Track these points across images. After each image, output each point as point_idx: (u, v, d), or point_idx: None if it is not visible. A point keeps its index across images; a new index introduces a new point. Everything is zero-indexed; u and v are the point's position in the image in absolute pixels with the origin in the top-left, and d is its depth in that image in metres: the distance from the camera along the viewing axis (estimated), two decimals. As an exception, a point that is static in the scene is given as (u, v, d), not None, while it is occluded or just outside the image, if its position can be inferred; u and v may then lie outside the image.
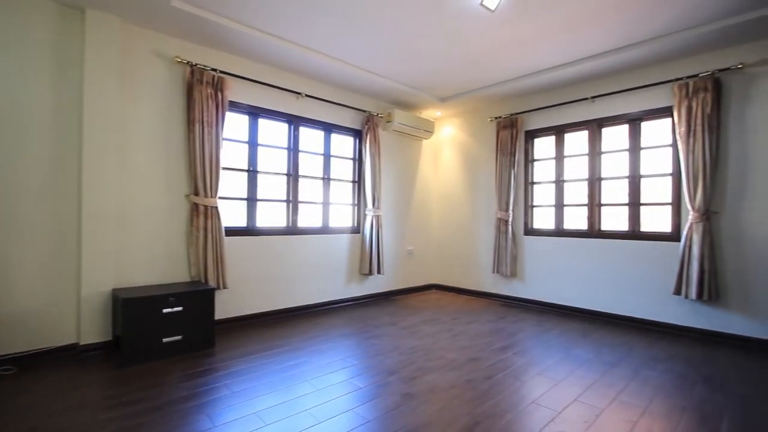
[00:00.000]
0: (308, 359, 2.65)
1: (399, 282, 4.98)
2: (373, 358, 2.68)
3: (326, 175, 4.23)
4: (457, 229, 5.17)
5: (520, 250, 4.49)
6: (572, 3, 2.65)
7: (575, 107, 4.06)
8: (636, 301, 3.61)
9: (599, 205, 3.92)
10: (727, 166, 3.16)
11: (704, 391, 2.25)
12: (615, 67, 3.60)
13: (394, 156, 4.93)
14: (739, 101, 3.11)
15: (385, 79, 4.08)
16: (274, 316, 3.72)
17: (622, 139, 3.80)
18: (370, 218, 4.40)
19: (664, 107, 3.48)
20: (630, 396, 2.17)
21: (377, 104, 4.71)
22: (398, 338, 3.14)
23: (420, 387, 2.23)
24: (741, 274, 3.09)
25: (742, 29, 2.87)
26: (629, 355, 2.81)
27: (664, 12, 2.75)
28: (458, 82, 4.17)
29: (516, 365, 2.59)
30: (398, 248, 4.97)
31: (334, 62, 3.61)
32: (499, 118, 4.59)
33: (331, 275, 4.21)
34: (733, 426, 1.86)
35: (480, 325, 3.55)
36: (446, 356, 2.74)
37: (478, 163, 4.95)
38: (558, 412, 1.97)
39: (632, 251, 3.64)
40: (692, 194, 3.18)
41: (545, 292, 4.25)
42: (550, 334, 3.32)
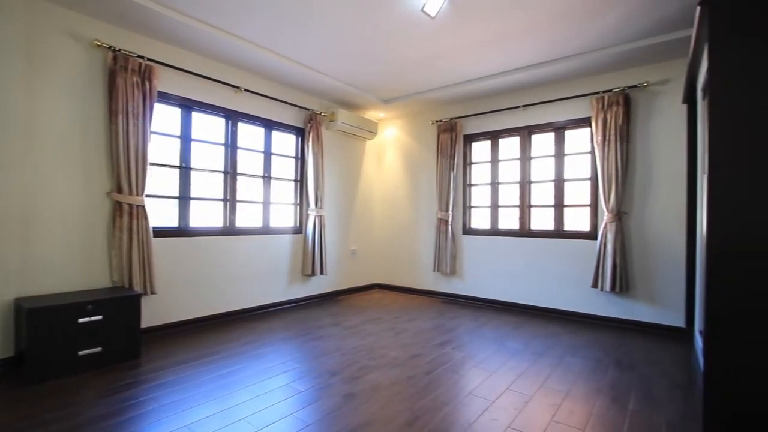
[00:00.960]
0: (246, 365, 2.54)
1: (342, 282, 4.96)
2: (315, 360, 2.64)
3: (267, 174, 4.09)
4: (400, 229, 5.27)
5: (459, 249, 4.68)
6: (505, 17, 2.83)
7: (509, 114, 4.33)
8: (561, 295, 3.94)
9: (529, 206, 4.22)
10: (635, 172, 3.56)
11: (616, 373, 2.51)
12: (543, 79, 3.90)
13: (337, 155, 4.90)
14: (644, 115, 3.53)
15: (329, 77, 4.04)
16: (209, 322, 3.52)
17: (549, 145, 4.12)
18: (313, 218, 4.34)
19: (584, 118, 3.83)
20: (555, 382, 2.36)
21: (320, 103, 4.65)
22: (341, 338, 3.12)
23: (362, 386, 2.24)
24: (645, 268, 3.50)
25: (647, 52, 3.25)
26: (555, 345, 3.05)
27: (583, 33, 3.03)
28: (401, 84, 4.26)
29: (454, 359, 2.71)
30: (341, 248, 4.95)
31: (276, 57, 3.50)
32: (440, 121, 4.76)
33: (271, 277, 4.07)
34: (637, 401, 2.10)
35: (421, 323, 3.65)
36: (389, 354, 2.78)
37: (419, 164, 5.09)
38: (492, 402, 2.09)
39: (557, 249, 3.96)
40: (607, 197, 3.54)
41: (482, 288, 4.49)
42: (485, 328, 3.51)
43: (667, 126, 3.42)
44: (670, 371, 2.55)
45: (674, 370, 2.56)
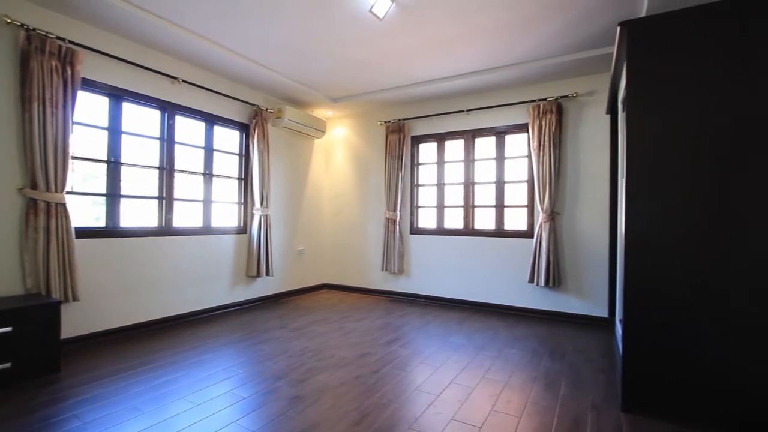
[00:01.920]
0: (184, 374, 2.40)
1: (289, 283, 4.84)
2: (259, 365, 2.56)
3: (208, 171, 3.88)
4: (349, 229, 5.26)
5: (406, 248, 4.77)
6: (450, 24, 2.93)
7: (454, 118, 4.49)
8: (501, 290, 4.16)
9: (473, 206, 4.41)
10: (566, 176, 3.86)
11: (549, 362, 2.71)
12: (486, 86, 4.10)
13: (284, 153, 4.77)
14: (574, 123, 3.83)
15: (276, 73, 3.93)
16: (143, 329, 3.27)
17: (490, 148, 4.33)
18: (258, 217, 4.19)
19: (523, 124, 4.08)
20: (495, 373, 2.49)
21: (267, 99, 4.51)
22: (288, 341, 3.05)
23: (309, 388, 2.21)
24: (575, 264, 3.81)
25: (577, 65, 3.53)
26: (495, 338, 3.22)
27: (521, 44, 3.22)
28: (350, 84, 4.25)
29: (402, 357, 2.76)
30: (288, 248, 4.84)
31: (218, 49, 3.34)
32: (388, 122, 4.81)
33: (213, 279, 3.88)
34: (567, 387, 2.29)
35: (369, 322, 3.68)
36: (337, 354, 2.76)
37: (368, 164, 5.11)
38: (437, 396, 2.15)
39: (498, 247, 4.18)
40: (542, 198, 3.80)
41: (429, 286, 4.61)
42: (431, 325, 3.61)
43: (593, 134, 3.74)
44: (595, 358, 2.79)
45: (598, 357, 2.81)
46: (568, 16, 2.82)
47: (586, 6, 2.68)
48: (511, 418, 1.93)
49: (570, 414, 1.98)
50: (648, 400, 1.94)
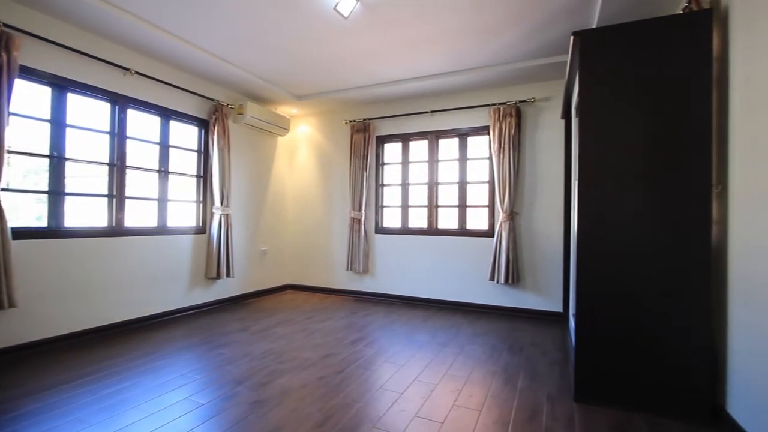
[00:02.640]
0: (136, 382, 2.28)
1: (252, 284, 4.71)
2: (219, 369, 2.47)
3: (164, 168, 3.70)
4: (313, 228, 5.20)
5: (371, 248, 4.78)
6: (415, 26, 2.97)
7: (418, 119, 4.55)
8: (463, 288, 4.27)
9: (436, 206, 4.49)
10: (524, 177, 4.02)
11: (508, 356, 2.81)
12: (449, 88, 4.18)
13: (246, 151, 4.64)
14: (532, 127, 4.00)
15: (237, 68, 3.81)
16: (91, 336, 3.06)
17: (454, 149, 4.43)
18: (218, 217, 4.05)
19: (484, 126, 4.20)
20: (457, 369, 2.55)
21: (227, 94, 4.36)
22: (249, 344, 2.97)
23: (271, 392, 2.17)
24: (532, 262, 3.97)
25: (534, 71, 3.69)
26: (457, 335, 3.30)
27: (483, 49, 3.32)
28: (314, 82, 4.19)
29: (366, 356, 2.76)
30: (250, 248, 4.71)
31: (175, 40, 3.19)
32: (353, 121, 4.80)
33: (169, 281, 3.70)
34: (525, 380, 2.38)
35: (334, 322, 3.65)
36: (300, 356, 2.72)
37: (333, 163, 5.07)
38: (401, 393, 2.18)
39: (461, 246, 4.29)
40: (502, 198, 3.93)
41: (393, 285, 4.64)
42: (396, 323, 3.64)
43: (549, 137, 3.92)
44: (550, 351, 2.93)
45: (554, 350, 2.95)
46: (527, 25, 2.93)
47: (543, 16, 2.81)
48: (472, 412, 1.99)
49: (527, 405, 2.06)
50: (597, 389, 2.06)
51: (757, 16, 1.63)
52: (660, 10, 2.54)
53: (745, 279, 1.71)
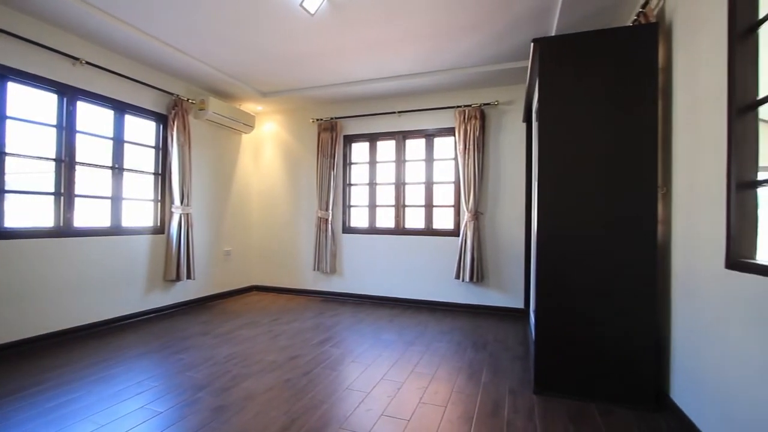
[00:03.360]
0: (87, 392, 2.14)
1: (214, 286, 4.56)
2: (179, 375, 2.38)
3: (118, 165, 3.50)
4: (279, 228, 5.10)
5: (339, 248, 4.76)
6: (382, 27, 2.98)
7: (386, 119, 4.57)
8: (430, 287, 4.34)
9: (404, 206, 4.53)
10: (488, 178, 4.14)
11: (472, 353, 2.88)
12: (416, 89, 4.23)
13: (208, 148, 4.48)
14: (496, 129, 4.12)
15: (199, 62, 3.66)
16: (35, 345, 2.85)
17: (420, 150, 4.49)
18: (178, 216, 3.88)
19: (450, 127, 4.29)
20: (423, 367, 2.59)
21: (188, 88, 4.19)
22: (211, 348, 2.87)
23: (235, 396, 2.11)
24: (496, 260, 4.10)
25: (497, 75, 3.80)
26: (424, 333, 3.35)
27: (448, 52, 3.39)
28: (280, 79, 4.11)
29: (333, 357, 2.74)
30: (213, 249, 4.55)
31: (131, 30, 3.02)
32: (320, 120, 4.75)
33: (124, 285, 3.51)
34: (488, 375, 2.46)
35: (300, 323, 3.60)
36: (265, 359, 2.67)
37: (299, 162, 5.00)
38: (367, 393, 2.18)
39: (427, 245, 4.35)
40: (467, 199, 4.03)
41: (361, 285, 4.64)
42: (363, 323, 3.64)
43: (512, 140, 4.06)
44: (512, 346, 3.03)
45: (516, 345, 3.06)
46: (490, 30, 3.02)
47: (505, 22, 2.90)
48: (438, 408, 2.03)
49: (490, 399, 2.13)
50: (556, 381, 2.16)
51: (696, 30, 1.77)
52: (613, 21, 2.69)
53: (685, 273, 1.84)
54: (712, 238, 1.59)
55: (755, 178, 1.41)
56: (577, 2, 2.49)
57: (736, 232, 1.43)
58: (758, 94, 1.41)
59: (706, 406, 1.64)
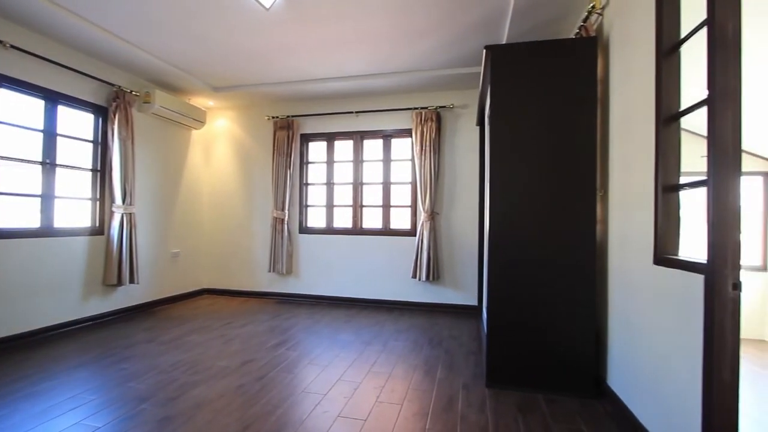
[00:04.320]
0: (13, 409, 1.95)
1: (161, 290, 4.30)
2: (120, 387, 2.22)
3: (49, 160, 3.21)
4: (232, 228, 4.91)
5: (295, 248, 4.67)
6: (337, 26, 2.96)
7: (344, 118, 4.55)
8: (387, 286, 4.37)
9: (361, 206, 4.53)
10: (444, 179, 4.24)
11: (428, 350, 2.94)
12: (374, 90, 4.25)
13: (154, 143, 4.22)
14: (451, 132, 4.23)
15: (144, 52, 3.44)
16: (-55, 360, 2.54)
17: (378, 150, 4.51)
18: (120, 216, 3.62)
19: (407, 129, 4.35)
20: (380, 366, 2.61)
21: (132, 80, 3.92)
22: (157, 356, 2.71)
23: (182, 406, 2.00)
24: (451, 259, 4.21)
25: (452, 79, 3.91)
26: (381, 332, 3.37)
27: (404, 54, 3.43)
28: (233, 73, 3.96)
29: (289, 359, 2.69)
30: (160, 251, 4.29)
31: (64, 13, 2.78)
32: (276, 118, 4.64)
33: (57, 291, 3.22)
34: (443, 371, 2.52)
35: (255, 326, 3.49)
36: (216, 365, 2.56)
37: (254, 160, 4.85)
38: (324, 395, 2.16)
39: (385, 245, 4.38)
40: (423, 199, 4.11)
41: (318, 286, 4.59)
42: (320, 324, 3.60)
43: (466, 143, 4.19)
44: (467, 342, 3.13)
45: (470, 341, 3.17)
46: (445, 35, 3.10)
47: (459, 28, 2.98)
48: (394, 406, 2.05)
49: (445, 394, 2.18)
50: (506, 375, 2.26)
51: (629, 46, 1.92)
52: (559, 33, 2.86)
53: (620, 269, 2.00)
54: (642, 237, 1.73)
55: (678, 182, 1.56)
56: (525, 13, 2.61)
57: (662, 231, 1.58)
58: (680, 106, 1.56)
59: (636, 390, 1.79)
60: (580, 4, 2.50)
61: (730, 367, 1.18)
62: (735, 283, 1.18)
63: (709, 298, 1.22)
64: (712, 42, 1.22)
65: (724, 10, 1.20)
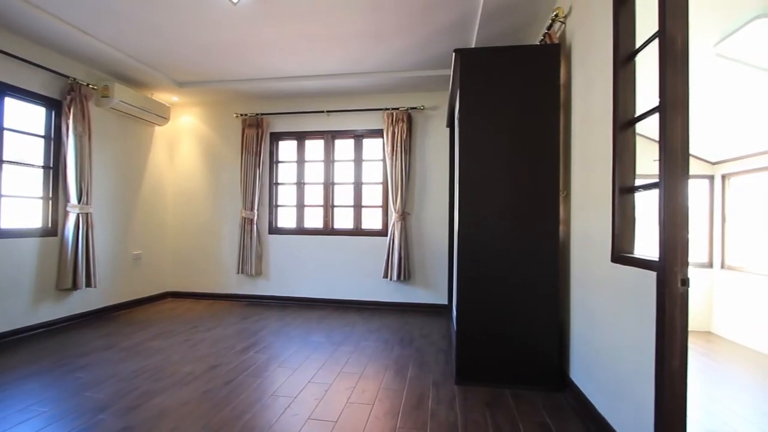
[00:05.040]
0: (-48, 425, 1.80)
1: (121, 294, 4.10)
2: (75, 397, 2.10)
3: (-6, 156, 2.99)
4: (199, 229, 4.75)
5: (264, 249, 4.57)
6: (308, 23, 2.93)
7: (315, 118, 4.50)
8: (358, 286, 4.37)
9: (332, 206, 4.50)
10: (415, 180, 4.29)
11: (399, 349, 2.96)
12: (345, 89, 4.23)
13: (113, 140, 4.01)
14: (422, 133, 4.28)
15: (102, 43, 3.27)
16: None
17: (349, 150, 4.50)
18: (75, 216, 3.43)
19: (379, 129, 4.36)
20: (351, 366, 2.60)
21: (89, 72, 3.71)
22: (116, 363, 2.59)
23: (144, 415, 1.92)
24: (422, 259, 4.26)
25: (422, 81, 3.96)
26: (352, 333, 3.36)
27: (374, 55, 3.45)
28: (199, 68, 3.84)
29: (258, 363, 2.63)
30: (120, 253, 4.09)
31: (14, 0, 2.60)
32: (245, 115, 4.53)
33: (4, 296, 3.00)
34: (414, 369, 2.55)
35: (222, 330, 3.40)
36: (181, 371, 2.47)
37: (222, 158, 4.71)
38: (294, 398, 2.13)
39: (356, 245, 4.38)
40: (395, 199, 4.13)
41: (288, 287, 4.52)
42: (290, 326, 3.55)
43: (436, 144, 4.25)
44: (437, 341, 3.18)
45: (440, 339, 3.21)
46: (416, 37, 3.13)
47: (429, 30, 3.02)
48: (365, 406, 2.05)
49: (415, 393, 2.21)
50: (475, 371, 2.31)
51: (589, 52, 2.01)
52: (526, 38, 2.96)
53: (582, 267, 2.09)
54: (601, 236, 1.82)
55: (633, 185, 1.65)
56: (493, 18, 2.68)
57: (619, 230, 1.66)
58: (636, 113, 1.65)
59: (595, 381, 1.88)
60: (544, 12, 2.59)
61: (680, 356, 1.26)
62: (684, 279, 1.26)
63: (661, 293, 1.29)
64: (663, 53, 1.29)
65: (673, 23, 1.28)
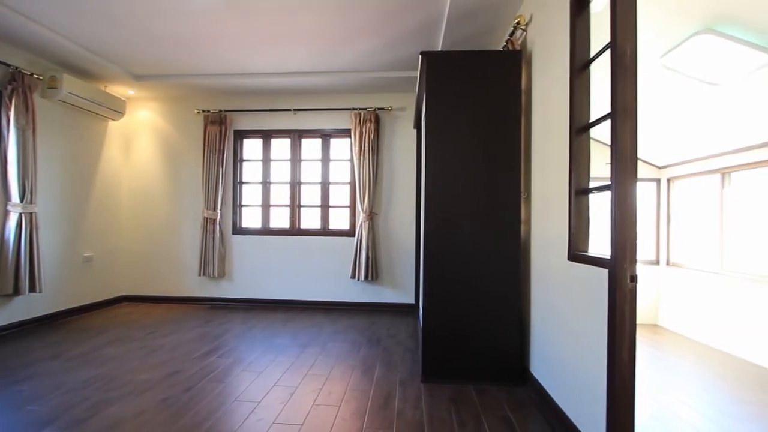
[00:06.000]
0: None
1: (70, 299, 3.84)
2: (17, 411, 1.95)
3: None
4: (157, 229, 4.54)
5: (228, 250, 4.44)
6: (274, 18, 2.86)
7: (281, 116, 4.42)
8: (326, 287, 4.33)
9: (299, 206, 4.44)
10: (382, 180, 4.30)
11: (366, 350, 2.96)
12: (312, 88, 4.18)
13: (62, 134, 3.75)
14: (389, 134, 4.31)
15: (48, 30, 3.05)
16: None
17: (317, 150, 4.45)
18: (17, 216, 3.18)
19: (346, 129, 4.34)
20: (318, 368, 2.57)
21: (34, 61, 3.45)
22: (63, 373, 2.42)
23: (95, 427, 1.81)
24: (389, 259, 4.28)
25: (389, 82, 3.98)
26: (319, 334, 3.33)
27: (341, 54, 3.43)
28: (158, 61, 3.66)
29: (221, 368, 2.55)
30: (68, 255, 3.83)
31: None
32: (207, 112, 4.37)
33: (-70, 304, 2.73)
34: (381, 369, 2.55)
35: (182, 335, 3.26)
36: (136, 379, 2.35)
37: (182, 156, 4.52)
38: (258, 402, 2.08)
39: (324, 246, 4.33)
40: (362, 199, 4.13)
41: (253, 289, 4.40)
42: (255, 329, 3.46)
43: (404, 145, 4.29)
44: (404, 340, 3.21)
45: (407, 339, 3.24)
46: (383, 38, 3.14)
47: (396, 32, 3.04)
48: (331, 408, 2.03)
49: (382, 393, 2.21)
50: (440, 369, 2.35)
51: (548, 60, 2.10)
52: (490, 44, 3.04)
53: (541, 266, 2.18)
54: (559, 236, 1.90)
55: (588, 186, 1.74)
56: (458, 23, 2.74)
57: (575, 230, 1.75)
58: (590, 118, 1.74)
59: (553, 376, 1.96)
60: (507, 19, 2.68)
61: (629, 348, 1.35)
62: (632, 275, 1.34)
63: (612, 289, 1.37)
64: (614, 63, 1.37)
65: (624, 35, 1.36)
